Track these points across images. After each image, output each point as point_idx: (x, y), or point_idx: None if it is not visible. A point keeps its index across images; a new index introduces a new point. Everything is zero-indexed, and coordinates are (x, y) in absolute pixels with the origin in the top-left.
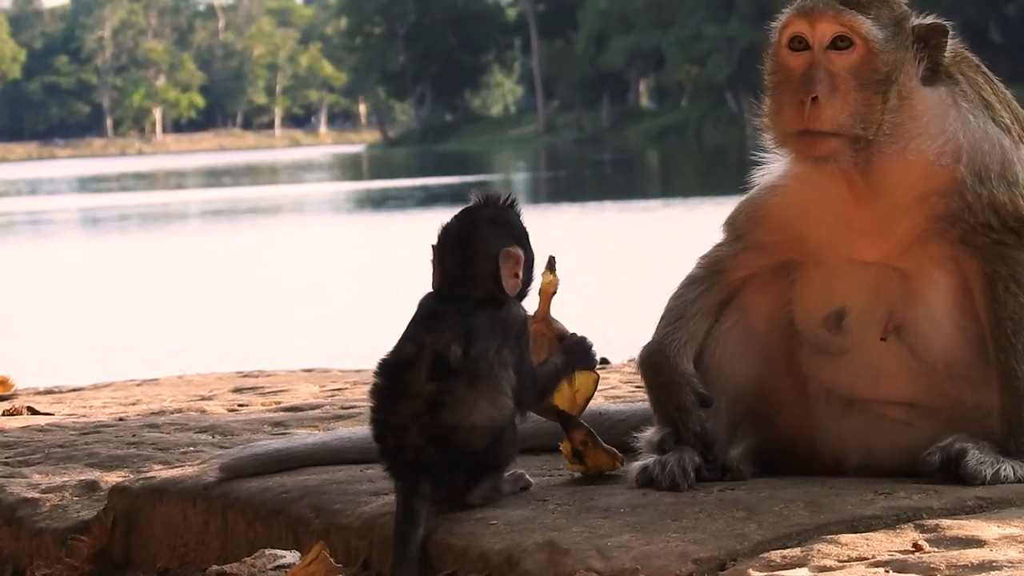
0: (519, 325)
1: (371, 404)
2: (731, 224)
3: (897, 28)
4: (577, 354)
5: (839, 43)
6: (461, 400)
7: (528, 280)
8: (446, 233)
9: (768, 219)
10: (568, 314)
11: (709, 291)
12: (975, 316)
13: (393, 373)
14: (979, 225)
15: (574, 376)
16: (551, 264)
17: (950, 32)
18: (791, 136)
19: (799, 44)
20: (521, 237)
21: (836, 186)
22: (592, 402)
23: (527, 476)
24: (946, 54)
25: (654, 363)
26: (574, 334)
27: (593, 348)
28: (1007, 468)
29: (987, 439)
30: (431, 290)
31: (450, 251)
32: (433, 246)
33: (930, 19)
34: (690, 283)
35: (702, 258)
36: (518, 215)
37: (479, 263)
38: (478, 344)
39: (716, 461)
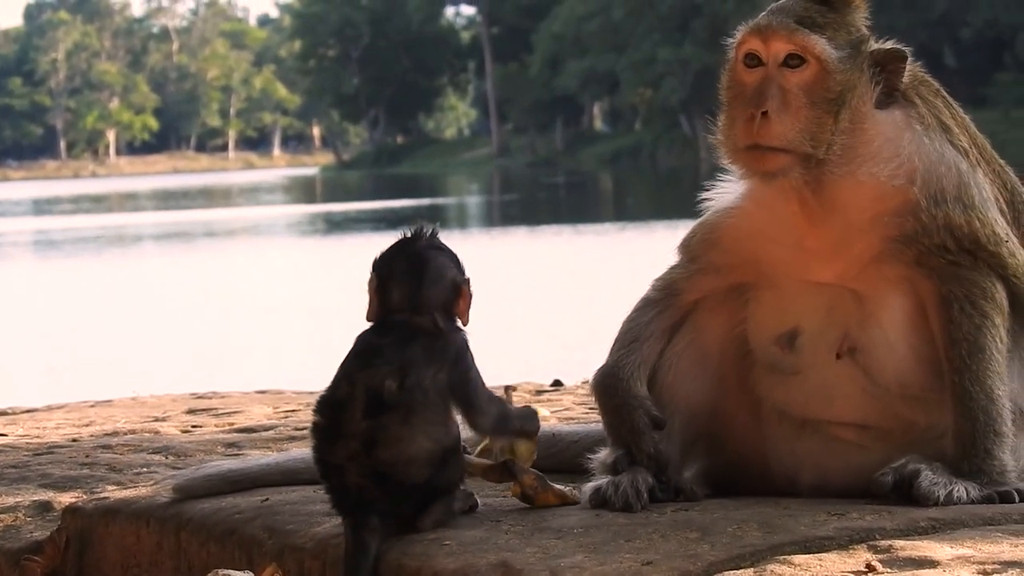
0: (458, 348)
1: (312, 442)
2: (685, 247)
3: (853, 50)
4: (527, 417)
5: (792, 61)
6: (396, 437)
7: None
8: (390, 261)
9: (722, 241)
10: (522, 337)
11: (663, 313)
12: (929, 338)
13: (329, 412)
14: (934, 247)
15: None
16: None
17: (908, 58)
18: (741, 151)
19: (753, 61)
20: (461, 266)
21: (788, 205)
22: (545, 423)
23: (475, 496)
24: (904, 78)
25: (608, 386)
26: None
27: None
28: (960, 489)
29: (940, 460)
30: (368, 323)
31: (399, 279)
32: (372, 276)
33: (889, 44)
34: (644, 306)
35: (656, 281)
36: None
37: (434, 291)
38: (413, 375)
39: (669, 482)
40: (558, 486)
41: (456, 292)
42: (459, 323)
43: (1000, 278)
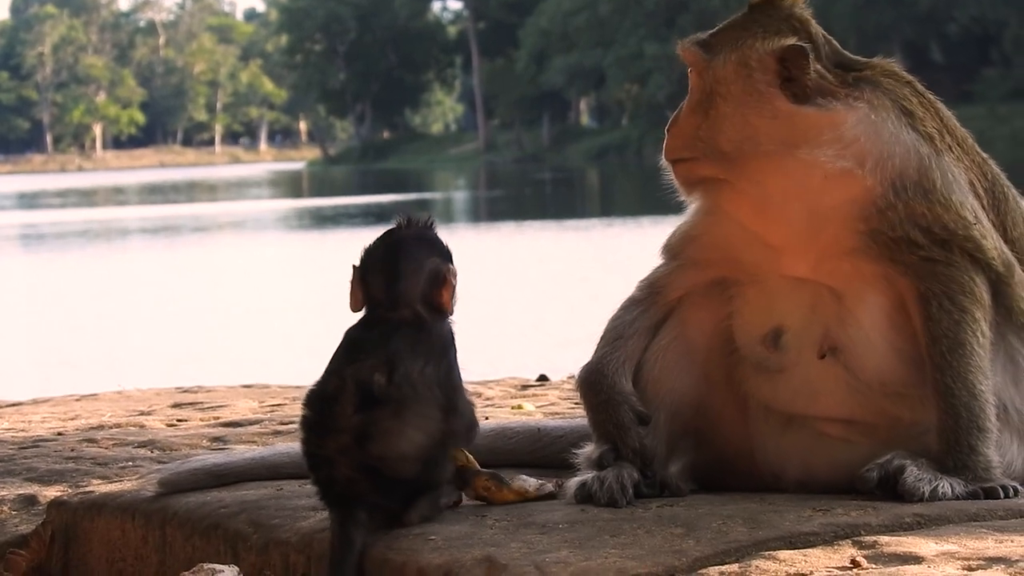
0: (444, 341)
1: (301, 436)
2: (667, 246)
3: (729, 49)
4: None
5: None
6: (388, 431)
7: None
8: (371, 253)
9: (701, 238)
10: (508, 331)
11: (647, 312)
12: (911, 335)
13: (319, 406)
14: (904, 241)
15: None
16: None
17: (808, 54)
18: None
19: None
20: (448, 256)
21: (737, 207)
22: (531, 418)
23: (458, 491)
24: (810, 73)
25: (592, 382)
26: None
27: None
28: (945, 485)
29: (925, 456)
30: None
31: (378, 271)
32: (355, 267)
33: (789, 41)
34: (629, 305)
35: (641, 281)
36: (438, 235)
37: (409, 282)
38: (401, 368)
39: (655, 477)
40: (529, 480)
41: (439, 281)
42: (444, 314)
43: (978, 267)
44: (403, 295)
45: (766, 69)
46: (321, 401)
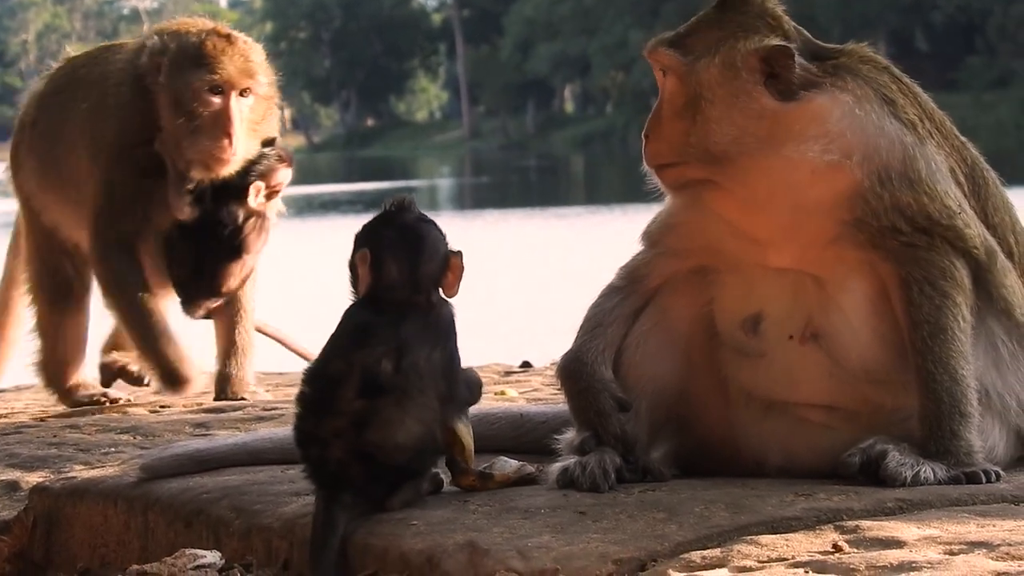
0: (449, 324)
1: (296, 412)
2: (647, 234)
3: (711, 51)
4: (479, 385)
5: (663, 76)
6: (388, 420)
7: None
8: (383, 237)
9: (681, 227)
10: (491, 317)
11: (627, 299)
12: (893, 321)
13: (320, 386)
14: (887, 229)
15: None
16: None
17: (794, 53)
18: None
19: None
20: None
21: (722, 205)
22: (513, 404)
23: (441, 475)
24: (795, 70)
25: (573, 371)
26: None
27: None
28: (927, 470)
29: (908, 441)
30: (359, 299)
31: (398, 254)
32: (364, 250)
33: (770, 40)
34: (608, 293)
35: (620, 269)
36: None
37: (430, 266)
38: (409, 356)
39: (637, 462)
40: (510, 463)
41: (448, 265)
42: (445, 296)
43: (960, 253)
44: (423, 279)
45: (751, 69)
46: (323, 381)
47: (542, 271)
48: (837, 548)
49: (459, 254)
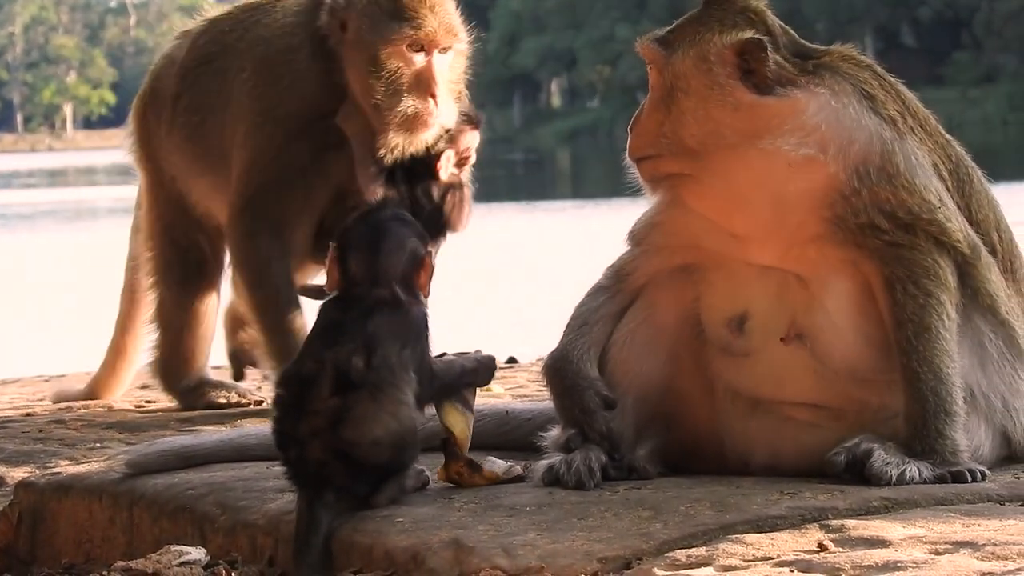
0: (420, 323)
1: (274, 415)
2: (632, 233)
3: (687, 44)
4: (483, 367)
5: (648, 68)
6: (363, 415)
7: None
8: (351, 232)
9: (665, 224)
10: (477, 313)
11: (613, 298)
12: (878, 320)
13: (295, 387)
14: (868, 226)
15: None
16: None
17: (767, 46)
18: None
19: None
20: (425, 238)
21: (701, 201)
22: (498, 401)
23: (427, 472)
24: (769, 64)
25: (558, 369)
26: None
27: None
28: (912, 469)
29: (893, 440)
30: (331, 296)
31: (359, 248)
32: (334, 246)
33: (747, 34)
34: (594, 292)
35: (607, 268)
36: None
37: (391, 259)
38: (379, 352)
39: (622, 460)
40: (498, 463)
41: (418, 264)
42: (420, 296)
43: (943, 249)
44: (383, 273)
45: (725, 62)
46: (297, 382)
47: (528, 266)
48: (822, 547)
49: (429, 253)
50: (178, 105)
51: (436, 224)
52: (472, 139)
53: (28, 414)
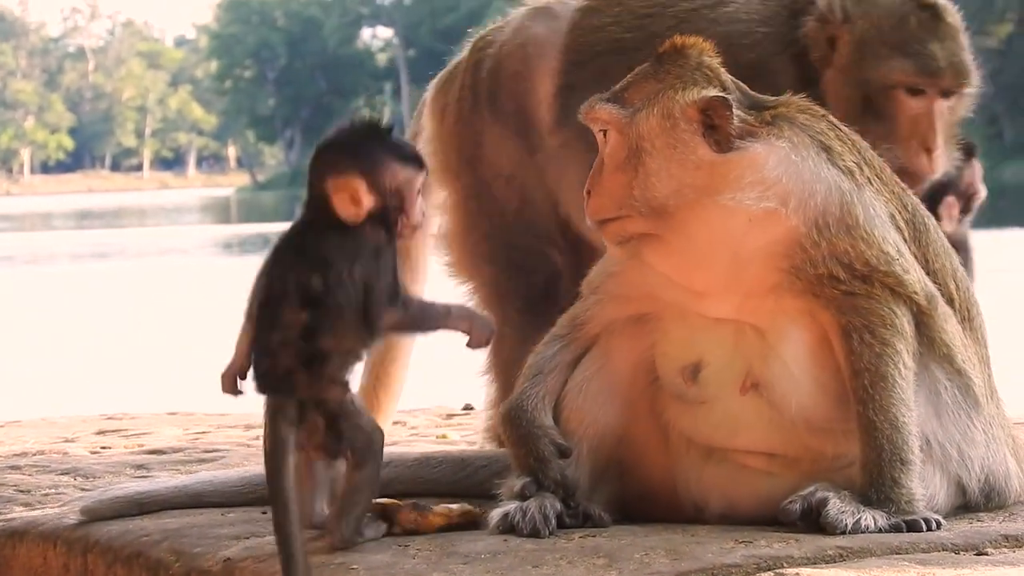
0: (370, 246)
1: (246, 328)
2: (587, 282)
3: (649, 103)
4: (477, 321)
5: (604, 135)
6: (331, 328)
7: (384, 207)
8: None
9: (621, 275)
10: (433, 359)
11: (568, 347)
12: (835, 369)
13: (266, 303)
14: (826, 277)
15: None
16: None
17: (732, 104)
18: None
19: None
20: (370, 165)
21: (662, 259)
22: (454, 448)
23: (383, 523)
24: (733, 121)
25: (513, 417)
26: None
27: (489, 329)
28: (868, 518)
29: (849, 489)
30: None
31: (308, 173)
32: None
33: (712, 92)
34: (550, 340)
35: (562, 317)
36: (383, 140)
37: (315, 188)
38: (332, 272)
39: (578, 508)
40: (443, 505)
41: (338, 188)
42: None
43: (900, 300)
44: (313, 199)
45: (689, 120)
46: (268, 299)
47: None
48: None
49: (339, 182)
50: (571, 97)
51: None
52: (974, 173)
53: None
